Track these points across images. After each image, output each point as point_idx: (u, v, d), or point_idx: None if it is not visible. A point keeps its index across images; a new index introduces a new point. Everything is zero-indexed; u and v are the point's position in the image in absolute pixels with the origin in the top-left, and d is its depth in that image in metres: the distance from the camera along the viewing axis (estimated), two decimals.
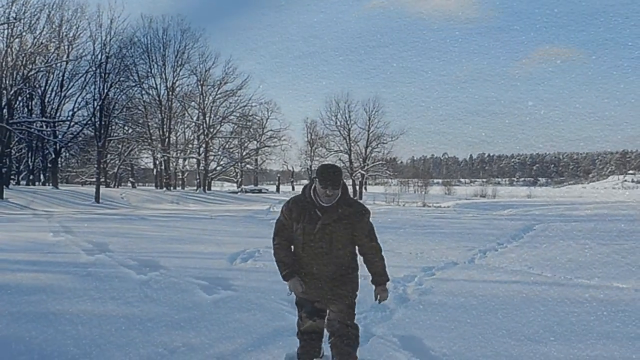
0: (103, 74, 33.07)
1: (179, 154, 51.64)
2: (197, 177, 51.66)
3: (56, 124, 39.10)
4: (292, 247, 3.82)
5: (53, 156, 38.67)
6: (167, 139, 48.26)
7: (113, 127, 39.45)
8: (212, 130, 50.61)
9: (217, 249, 9.90)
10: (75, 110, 39.18)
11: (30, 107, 41.09)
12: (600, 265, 8.09)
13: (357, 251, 3.80)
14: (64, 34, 38.95)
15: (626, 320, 4.64)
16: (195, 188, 51.85)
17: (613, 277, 7.11)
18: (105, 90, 33.04)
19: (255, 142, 58.24)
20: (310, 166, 64.49)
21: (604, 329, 4.47)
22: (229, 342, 4.23)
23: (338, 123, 57.41)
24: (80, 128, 37.84)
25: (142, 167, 55.53)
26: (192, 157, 52.12)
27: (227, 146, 55.51)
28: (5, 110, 30.50)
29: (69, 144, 38.85)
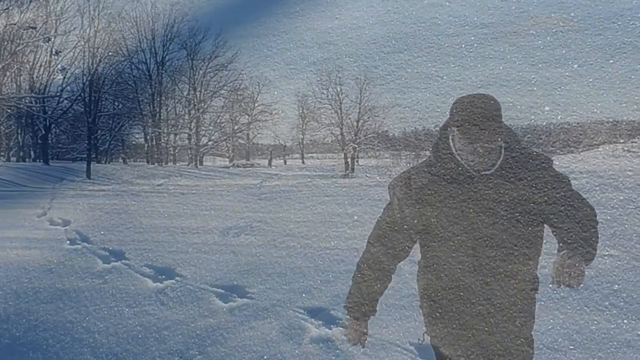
0: (92, 49, 32.60)
1: (170, 129, 51.19)
2: (189, 152, 51.39)
3: (45, 100, 38.57)
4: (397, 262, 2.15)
5: (43, 132, 38.18)
6: (157, 114, 47.76)
7: (103, 102, 38.91)
8: (203, 104, 50.17)
9: (215, 224, 10.12)
10: (64, 86, 38.63)
11: (18, 83, 40.47)
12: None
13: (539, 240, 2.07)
14: (51, 7, 38.10)
15: None
16: (186, 163, 51.59)
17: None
18: (95, 65, 32.59)
19: (246, 116, 57.82)
20: (302, 139, 64.26)
21: (624, 337, 4.51)
22: (244, 350, 4.29)
23: (329, 96, 57.08)
24: (70, 104, 37.27)
25: (133, 142, 55.07)
26: (184, 132, 51.69)
27: (218, 121, 55.12)
28: None
29: (59, 120, 38.37)
